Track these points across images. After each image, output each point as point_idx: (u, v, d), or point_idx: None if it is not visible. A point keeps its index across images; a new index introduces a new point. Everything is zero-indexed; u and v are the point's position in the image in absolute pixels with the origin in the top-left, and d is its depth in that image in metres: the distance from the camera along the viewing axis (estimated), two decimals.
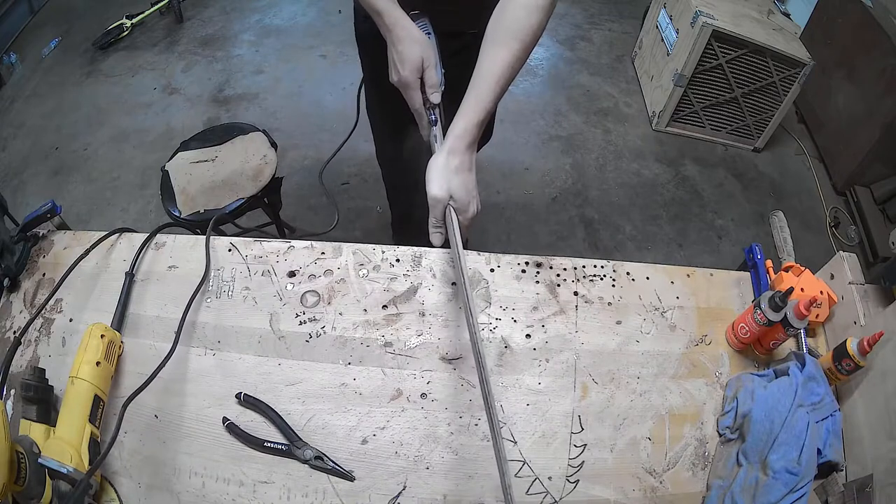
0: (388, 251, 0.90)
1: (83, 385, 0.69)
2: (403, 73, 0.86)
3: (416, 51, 0.86)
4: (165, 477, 0.72)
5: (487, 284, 0.87)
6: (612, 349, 0.83)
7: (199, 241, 0.90)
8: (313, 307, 0.84)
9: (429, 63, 0.87)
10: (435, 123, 0.89)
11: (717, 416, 0.79)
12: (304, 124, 2.34)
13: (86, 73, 2.60)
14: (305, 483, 0.72)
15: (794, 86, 2.17)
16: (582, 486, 0.73)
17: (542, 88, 2.60)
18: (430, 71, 0.87)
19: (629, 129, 2.45)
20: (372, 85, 1.20)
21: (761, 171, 2.37)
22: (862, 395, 0.77)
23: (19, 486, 0.60)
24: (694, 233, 2.12)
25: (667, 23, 2.34)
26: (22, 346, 0.81)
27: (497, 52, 0.81)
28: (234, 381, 0.78)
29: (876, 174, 2.16)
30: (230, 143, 1.44)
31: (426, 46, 0.88)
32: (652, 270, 0.91)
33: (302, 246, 0.90)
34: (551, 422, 0.77)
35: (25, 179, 2.18)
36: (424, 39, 0.88)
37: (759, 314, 0.77)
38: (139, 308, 0.84)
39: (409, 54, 0.85)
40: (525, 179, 2.22)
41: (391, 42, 0.87)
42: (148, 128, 2.36)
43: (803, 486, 0.68)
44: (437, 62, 0.89)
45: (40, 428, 0.69)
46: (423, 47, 0.87)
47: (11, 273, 0.87)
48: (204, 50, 2.70)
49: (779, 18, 2.28)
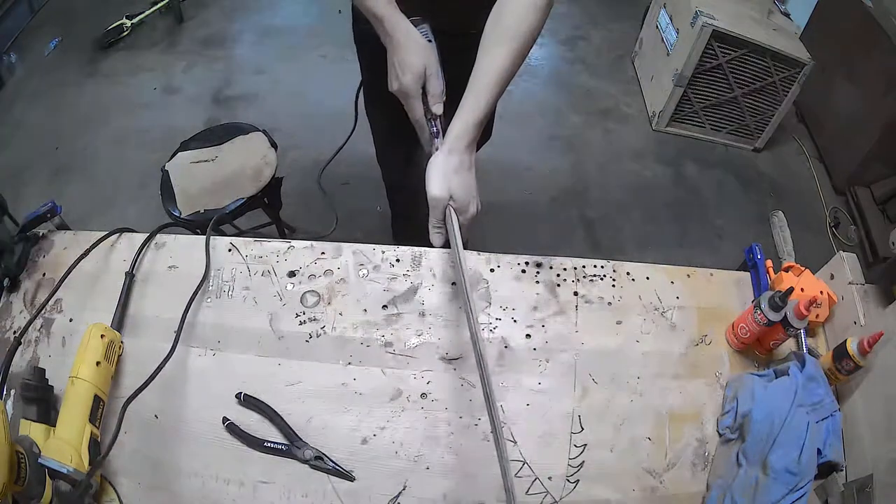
0: (388, 251, 0.90)
1: (83, 385, 0.69)
2: (405, 81, 0.83)
3: (418, 58, 0.83)
4: (165, 477, 0.72)
5: (487, 284, 0.87)
6: (612, 349, 0.83)
7: (199, 241, 0.90)
8: (313, 307, 0.84)
9: (431, 71, 0.84)
10: (437, 136, 0.86)
11: (717, 416, 0.79)
12: (305, 124, 2.34)
13: (86, 73, 2.60)
14: (305, 483, 0.72)
15: (794, 86, 2.17)
16: (582, 487, 0.73)
17: (542, 88, 2.60)
18: (432, 80, 0.85)
19: (629, 129, 2.45)
20: (370, 89, 1.18)
21: (761, 171, 2.37)
22: (862, 395, 0.77)
23: (19, 486, 0.60)
24: (694, 233, 2.12)
25: (667, 23, 2.34)
26: (22, 346, 0.81)
27: (495, 51, 0.80)
28: (234, 381, 0.78)
29: (876, 174, 2.15)
30: (230, 143, 1.44)
31: (428, 53, 0.85)
32: (652, 270, 0.91)
33: (302, 246, 0.90)
34: (551, 422, 0.77)
35: (25, 179, 2.18)
36: (426, 46, 0.86)
37: (759, 314, 0.77)
38: (139, 308, 0.84)
39: (410, 62, 0.83)
40: (525, 179, 2.22)
41: (391, 49, 0.85)
42: (148, 128, 2.35)
43: (803, 486, 0.68)
44: (439, 71, 0.87)
45: (40, 428, 0.69)
46: (426, 54, 0.84)
47: (11, 273, 0.87)
48: (204, 50, 2.70)
49: (779, 18, 2.28)
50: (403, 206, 1.66)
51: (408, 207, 1.61)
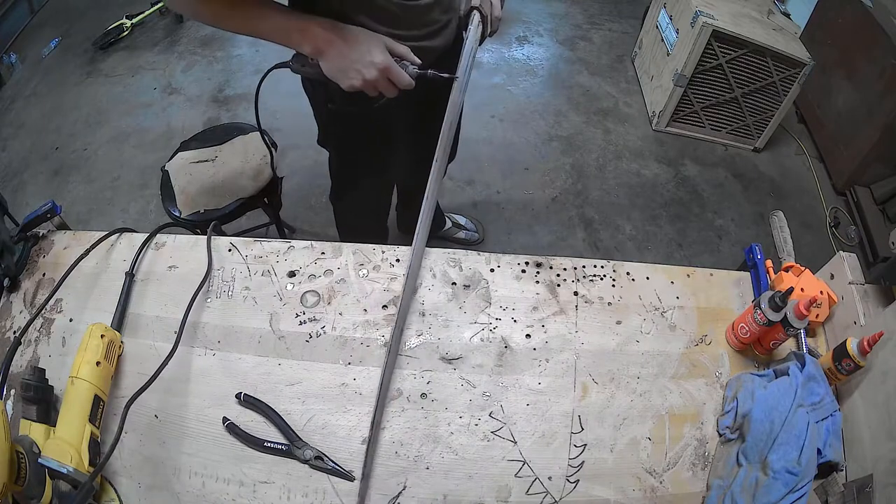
0: (388, 251, 0.90)
1: (83, 385, 0.69)
2: (378, 59, 0.81)
3: (371, 34, 0.83)
4: (165, 477, 0.72)
5: (487, 284, 0.87)
6: (612, 349, 0.83)
7: (199, 241, 0.90)
8: (313, 307, 0.84)
9: (388, 39, 0.84)
10: (437, 72, 0.87)
11: (717, 416, 0.79)
12: (304, 124, 2.32)
13: (86, 73, 2.60)
14: (305, 483, 0.72)
15: (794, 86, 2.17)
16: (582, 486, 0.73)
17: (542, 88, 2.60)
18: (395, 46, 0.84)
19: (629, 129, 2.45)
20: (345, 165, 1.23)
21: (761, 171, 2.37)
22: (862, 395, 0.77)
23: (19, 486, 0.60)
24: (694, 233, 2.12)
25: (667, 23, 2.34)
26: (22, 346, 0.81)
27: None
28: (234, 381, 0.78)
29: (876, 174, 2.15)
30: (230, 143, 1.44)
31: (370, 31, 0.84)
32: (652, 270, 0.91)
33: (302, 246, 0.90)
34: (551, 422, 0.77)
35: (25, 179, 2.18)
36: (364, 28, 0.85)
37: (759, 314, 0.77)
38: (139, 308, 0.84)
39: (368, 40, 0.82)
40: (525, 179, 2.21)
41: (337, 45, 0.81)
42: (148, 128, 2.36)
43: (803, 486, 0.68)
44: None
45: (40, 428, 0.69)
46: (371, 32, 0.84)
47: (11, 273, 0.87)
48: (204, 50, 2.70)
49: (779, 18, 2.28)
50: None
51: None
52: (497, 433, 0.76)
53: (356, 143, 1.12)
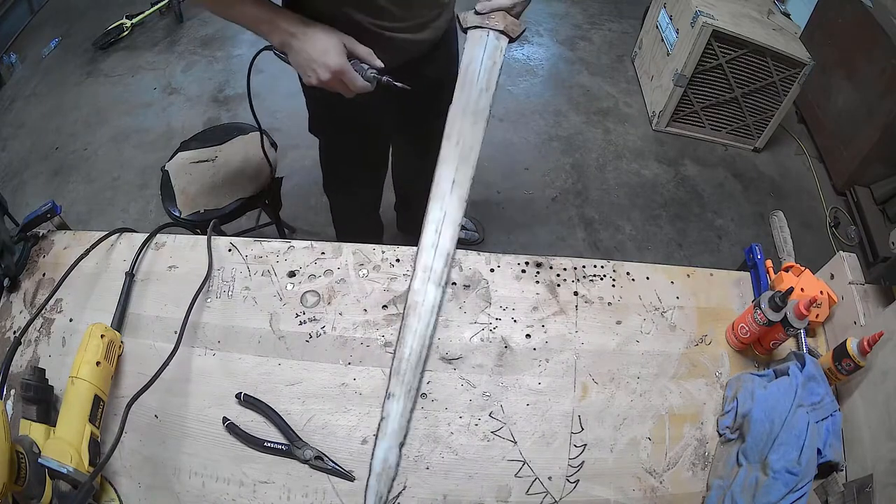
0: (388, 251, 0.90)
1: (83, 385, 0.69)
2: (333, 61, 0.80)
3: (331, 34, 0.82)
4: (165, 477, 0.72)
5: (487, 284, 0.87)
6: (612, 349, 0.83)
7: (199, 241, 0.90)
8: (313, 307, 0.84)
9: (348, 40, 0.83)
10: (392, 79, 0.85)
11: (717, 416, 0.79)
12: (304, 124, 2.33)
13: (86, 73, 2.60)
14: (305, 483, 0.72)
15: (794, 86, 2.17)
16: (582, 486, 0.73)
17: (542, 88, 2.60)
18: (356, 47, 0.83)
19: (629, 129, 2.45)
20: (332, 152, 1.23)
21: (761, 171, 2.37)
22: (862, 395, 0.77)
23: (19, 486, 0.60)
24: (694, 233, 2.12)
25: (667, 23, 2.34)
26: (22, 346, 0.81)
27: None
28: (235, 381, 0.78)
29: (876, 174, 2.15)
30: (230, 143, 1.44)
31: (333, 30, 0.83)
32: (652, 270, 0.91)
33: (302, 246, 0.90)
34: (551, 422, 0.77)
35: (25, 179, 2.18)
36: (328, 26, 0.83)
37: (759, 314, 0.77)
38: (139, 308, 0.84)
39: (326, 40, 0.81)
40: (525, 179, 2.21)
41: (298, 41, 0.81)
42: (148, 128, 2.36)
43: (803, 486, 0.68)
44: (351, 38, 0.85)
45: (40, 428, 0.69)
46: (333, 30, 0.82)
47: (11, 273, 0.87)
48: (204, 50, 2.70)
49: (779, 18, 2.27)
50: None
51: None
52: (497, 433, 0.76)
53: (341, 130, 1.12)
